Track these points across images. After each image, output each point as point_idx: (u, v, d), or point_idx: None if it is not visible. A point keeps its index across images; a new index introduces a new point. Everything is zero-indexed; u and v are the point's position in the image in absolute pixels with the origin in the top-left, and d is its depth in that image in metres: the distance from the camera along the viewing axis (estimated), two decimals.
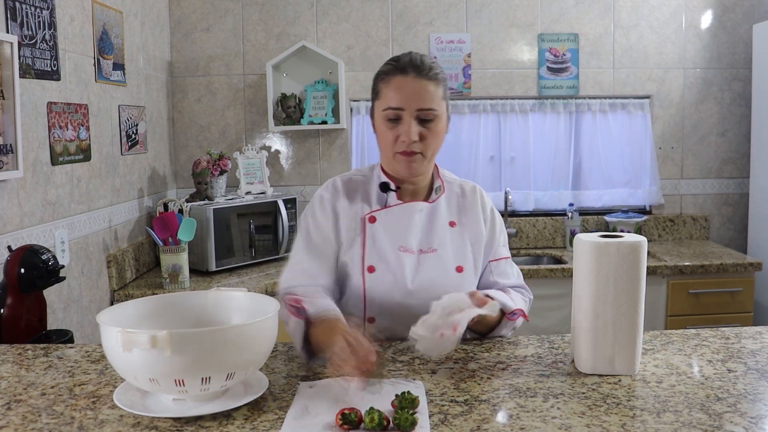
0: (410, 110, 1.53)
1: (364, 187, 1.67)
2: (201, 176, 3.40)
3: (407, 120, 1.53)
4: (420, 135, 1.54)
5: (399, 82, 1.55)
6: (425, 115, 1.54)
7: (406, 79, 1.54)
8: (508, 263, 1.74)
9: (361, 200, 1.65)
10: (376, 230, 1.61)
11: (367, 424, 1.08)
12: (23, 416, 1.18)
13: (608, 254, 1.30)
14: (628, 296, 1.32)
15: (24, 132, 2.20)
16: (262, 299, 1.35)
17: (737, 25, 3.81)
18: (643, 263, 1.32)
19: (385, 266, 1.59)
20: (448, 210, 1.67)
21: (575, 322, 1.38)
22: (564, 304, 3.27)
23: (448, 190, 1.70)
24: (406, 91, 1.53)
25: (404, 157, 1.56)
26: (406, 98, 1.53)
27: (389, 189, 1.64)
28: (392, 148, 1.57)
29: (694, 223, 3.90)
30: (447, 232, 1.65)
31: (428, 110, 1.54)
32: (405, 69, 1.55)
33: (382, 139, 1.60)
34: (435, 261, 1.62)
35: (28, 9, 2.23)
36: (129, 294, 2.85)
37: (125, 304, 1.32)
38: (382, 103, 1.57)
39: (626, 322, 1.32)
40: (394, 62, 1.58)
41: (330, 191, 1.67)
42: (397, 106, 1.54)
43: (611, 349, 1.33)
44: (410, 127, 1.53)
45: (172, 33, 3.73)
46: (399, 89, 1.54)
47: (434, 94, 1.55)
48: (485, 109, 3.81)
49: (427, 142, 1.56)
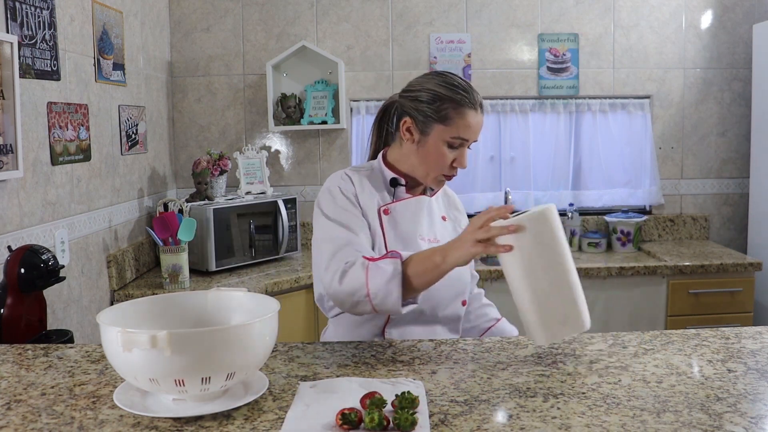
0: (470, 143, 1.68)
1: (370, 181, 1.74)
2: (201, 176, 3.40)
3: (464, 150, 1.68)
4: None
5: (473, 117, 1.65)
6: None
7: (477, 115, 1.66)
8: None
9: (371, 192, 1.71)
10: (392, 221, 1.70)
11: (367, 424, 1.08)
12: (23, 416, 1.18)
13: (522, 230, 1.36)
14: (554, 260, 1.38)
15: (24, 132, 2.20)
16: (262, 299, 1.35)
17: (737, 25, 3.81)
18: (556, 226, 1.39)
19: (412, 251, 1.61)
20: (438, 205, 1.81)
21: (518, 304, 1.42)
22: None
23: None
24: (475, 127, 1.66)
25: (446, 179, 1.72)
26: (474, 133, 1.66)
27: (399, 184, 1.74)
28: (442, 170, 1.68)
29: (694, 223, 3.90)
30: (441, 225, 1.79)
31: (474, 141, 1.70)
32: (476, 105, 1.66)
33: (435, 159, 1.67)
34: None
35: (28, 9, 2.23)
36: (129, 294, 2.85)
37: (125, 304, 1.32)
38: (451, 130, 1.64)
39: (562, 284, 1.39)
40: (466, 93, 1.65)
41: (345, 180, 1.70)
42: (467, 137, 1.65)
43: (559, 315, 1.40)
44: (465, 158, 1.68)
45: (172, 33, 3.73)
46: (473, 125, 1.65)
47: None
48: (485, 109, 3.81)
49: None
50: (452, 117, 1.63)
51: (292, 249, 3.47)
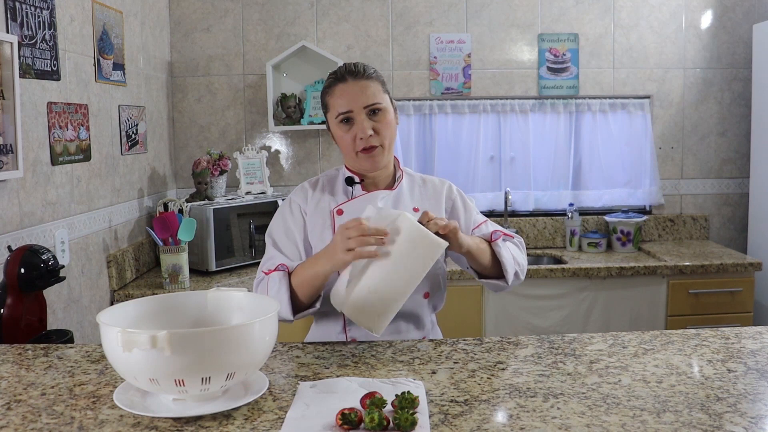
0: (358, 109, 1.67)
1: (330, 185, 1.81)
2: (201, 176, 3.40)
3: (359, 119, 1.67)
4: (373, 129, 1.68)
5: (341, 89, 1.69)
6: (371, 109, 1.68)
7: (347, 84, 1.69)
8: (488, 224, 1.84)
9: (328, 196, 1.78)
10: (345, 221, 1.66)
11: (367, 424, 1.08)
12: (23, 416, 1.18)
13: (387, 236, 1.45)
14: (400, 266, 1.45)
15: (24, 132, 2.20)
16: (262, 299, 1.35)
17: (737, 25, 3.81)
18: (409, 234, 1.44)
19: None
20: (411, 197, 1.80)
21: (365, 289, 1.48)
22: (564, 304, 3.27)
23: (410, 181, 1.83)
24: (350, 94, 1.68)
25: (366, 154, 1.69)
26: (351, 100, 1.67)
27: (354, 182, 1.76)
28: (353, 148, 1.70)
29: (694, 223, 3.90)
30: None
31: (373, 105, 1.68)
32: (343, 77, 1.70)
33: (342, 144, 1.73)
34: None
35: (28, 9, 2.23)
36: (129, 294, 2.85)
37: (125, 304, 1.32)
38: (333, 111, 1.71)
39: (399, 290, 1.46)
40: (333, 75, 1.73)
41: (298, 195, 1.81)
42: (346, 109, 1.67)
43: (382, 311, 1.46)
44: (363, 124, 1.67)
45: (172, 33, 3.73)
46: (342, 95, 1.68)
47: (375, 89, 1.69)
48: (485, 109, 3.82)
49: (382, 134, 1.69)
50: (328, 101, 1.73)
51: None
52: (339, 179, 1.80)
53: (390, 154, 1.75)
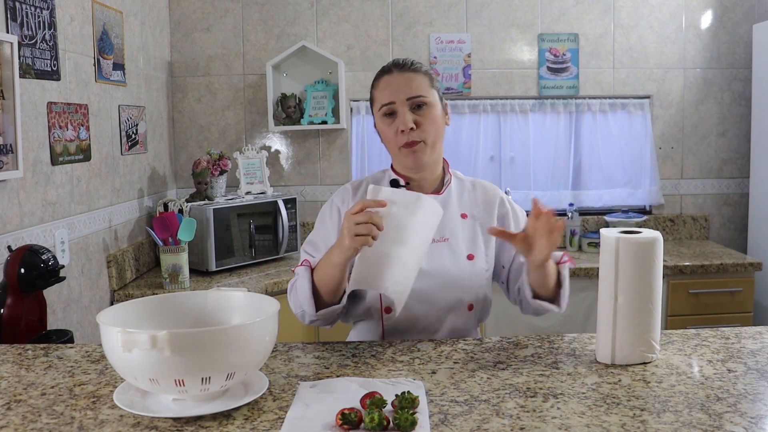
0: (401, 101, 1.62)
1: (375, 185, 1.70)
2: (201, 176, 3.40)
3: (401, 111, 1.62)
4: (415, 122, 1.62)
5: (386, 81, 1.66)
6: (416, 102, 1.63)
7: (392, 76, 1.66)
8: None
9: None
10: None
11: (367, 424, 1.08)
12: (23, 416, 1.18)
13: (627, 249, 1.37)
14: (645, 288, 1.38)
15: (24, 132, 2.20)
16: (262, 299, 1.35)
17: (737, 25, 3.81)
18: (659, 257, 1.39)
19: None
20: (459, 203, 1.74)
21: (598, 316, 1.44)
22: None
23: (459, 186, 1.77)
24: (394, 86, 1.64)
25: (407, 149, 1.63)
26: (394, 91, 1.63)
27: (399, 185, 1.70)
28: (396, 143, 1.64)
29: (694, 223, 3.90)
30: (458, 223, 1.71)
31: (417, 97, 1.63)
32: (389, 69, 1.67)
33: (385, 138, 1.68)
34: (446, 249, 1.67)
35: (28, 9, 2.23)
36: (129, 294, 2.85)
37: (125, 304, 1.32)
38: (377, 103, 1.67)
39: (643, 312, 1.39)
40: (382, 68, 1.70)
41: (340, 196, 1.74)
42: (388, 101, 1.63)
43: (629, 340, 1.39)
44: (404, 116, 1.61)
45: (172, 33, 3.73)
46: (387, 86, 1.65)
47: (420, 83, 1.64)
48: (485, 109, 3.81)
49: (424, 128, 1.62)
50: (374, 94, 1.69)
51: (292, 249, 3.47)
52: (384, 181, 1.73)
53: (436, 153, 1.68)
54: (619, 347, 1.39)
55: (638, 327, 1.38)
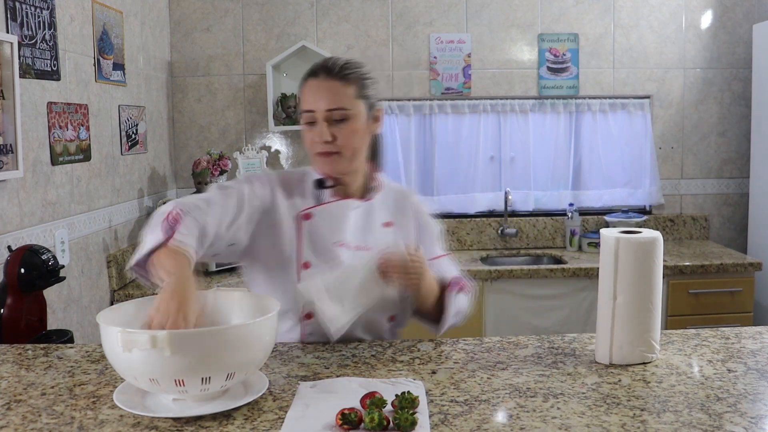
0: (320, 111, 1.55)
1: (299, 184, 1.66)
2: (201, 176, 3.40)
3: (319, 121, 1.56)
4: (332, 135, 1.55)
5: (310, 85, 1.58)
6: (336, 116, 1.55)
7: (316, 81, 1.57)
8: (447, 259, 1.74)
9: (296, 196, 1.64)
10: (312, 226, 1.60)
11: (367, 424, 1.08)
12: (23, 416, 1.18)
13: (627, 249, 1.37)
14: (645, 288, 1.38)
15: (24, 132, 2.20)
16: (262, 299, 1.35)
17: (737, 25, 3.81)
18: (659, 257, 1.39)
19: (322, 261, 1.57)
20: (383, 210, 1.68)
21: (598, 316, 1.44)
22: (564, 304, 3.27)
23: (385, 192, 1.70)
24: (315, 94, 1.56)
25: (321, 158, 1.58)
26: (315, 100, 1.56)
27: (324, 186, 1.64)
28: (311, 150, 1.60)
29: (694, 223, 3.90)
30: (382, 232, 1.65)
31: (337, 110, 1.55)
32: (316, 72, 1.59)
33: (304, 140, 1.63)
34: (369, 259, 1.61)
35: (28, 9, 2.23)
36: (129, 294, 2.85)
37: (125, 304, 1.32)
38: (301, 107, 1.61)
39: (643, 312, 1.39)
40: (311, 67, 1.61)
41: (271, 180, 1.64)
42: (309, 108, 1.57)
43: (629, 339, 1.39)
44: (321, 128, 1.55)
45: (172, 33, 3.73)
46: (310, 92, 1.58)
47: (343, 94, 1.56)
48: (485, 109, 3.81)
49: (342, 142, 1.56)
50: (300, 94, 1.62)
51: None
52: (307, 180, 1.66)
53: (355, 162, 1.61)
54: (619, 347, 1.39)
55: (638, 327, 1.39)
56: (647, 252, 1.37)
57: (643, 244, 1.37)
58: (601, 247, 1.43)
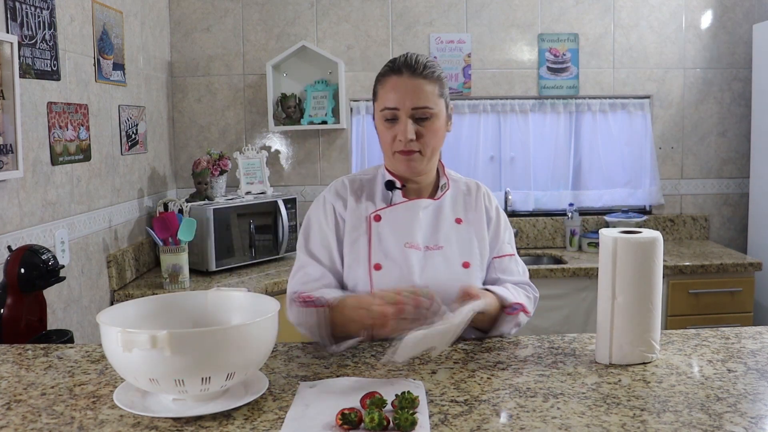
0: (405, 109, 1.56)
1: (369, 187, 1.69)
2: (201, 176, 3.40)
3: (403, 119, 1.56)
4: (417, 133, 1.57)
5: (394, 82, 1.58)
6: (420, 114, 1.57)
7: (401, 79, 1.57)
8: (513, 260, 1.74)
9: (366, 199, 1.66)
10: (382, 228, 1.63)
11: (367, 424, 1.08)
12: (23, 416, 1.18)
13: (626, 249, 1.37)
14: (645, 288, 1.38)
15: (24, 132, 2.20)
16: (262, 299, 1.35)
17: (737, 25, 3.81)
18: (659, 257, 1.39)
19: (392, 263, 1.60)
20: (453, 207, 1.69)
21: (598, 316, 1.44)
22: (564, 304, 3.27)
23: (454, 188, 1.72)
24: (401, 91, 1.56)
25: (403, 156, 1.59)
26: (400, 98, 1.56)
27: (394, 187, 1.66)
28: (391, 147, 1.60)
29: (694, 223, 3.90)
30: (453, 229, 1.67)
31: (423, 108, 1.56)
32: (399, 69, 1.58)
33: (381, 139, 1.63)
34: (441, 257, 1.63)
35: (28, 9, 2.23)
36: (129, 294, 2.85)
37: (125, 304, 1.32)
38: (380, 103, 1.61)
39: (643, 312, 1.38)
40: (391, 64, 1.62)
41: (333, 193, 1.69)
42: (393, 105, 1.57)
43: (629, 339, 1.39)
44: (406, 126, 1.56)
45: (172, 33, 3.73)
46: (394, 89, 1.57)
47: (429, 93, 1.57)
48: (485, 109, 3.82)
49: (425, 140, 1.58)
50: (378, 91, 1.62)
51: (292, 249, 3.47)
52: (378, 181, 1.69)
53: (432, 161, 1.64)
54: (619, 347, 1.39)
55: (638, 327, 1.39)
56: (647, 252, 1.37)
57: (642, 244, 1.37)
58: (600, 248, 1.43)
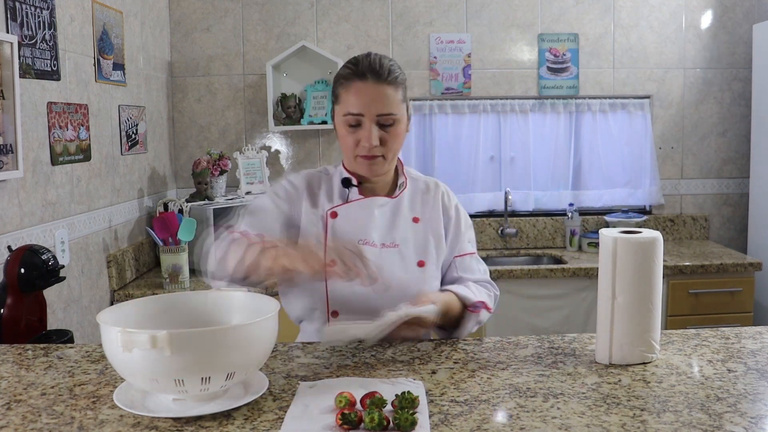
0: (370, 116, 1.55)
1: (327, 184, 1.69)
2: (201, 176, 3.40)
3: (367, 125, 1.56)
4: (381, 139, 1.57)
5: (357, 87, 1.56)
6: (385, 120, 1.57)
7: (365, 84, 1.56)
8: (473, 258, 1.75)
9: (323, 196, 1.67)
10: (338, 225, 1.62)
11: (367, 424, 1.08)
12: (23, 416, 1.18)
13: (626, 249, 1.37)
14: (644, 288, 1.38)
15: (24, 132, 2.20)
16: (262, 299, 1.35)
17: (737, 25, 3.81)
18: (659, 257, 1.39)
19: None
20: (411, 206, 1.69)
21: (598, 316, 1.44)
22: (564, 304, 3.27)
23: (412, 186, 1.72)
24: (365, 97, 1.55)
25: (365, 160, 1.59)
26: (365, 104, 1.55)
27: (351, 185, 1.66)
28: (354, 152, 1.60)
29: (694, 223, 3.90)
30: (409, 228, 1.67)
31: (387, 115, 1.56)
32: (363, 74, 1.56)
33: (343, 143, 1.62)
34: (396, 255, 1.63)
35: (28, 9, 2.23)
36: (129, 294, 2.85)
37: (125, 304, 1.32)
38: (342, 108, 1.59)
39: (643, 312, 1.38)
40: (353, 66, 1.59)
41: (292, 184, 1.69)
42: (357, 111, 1.56)
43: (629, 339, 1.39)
44: (371, 133, 1.55)
45: (172, 33, 3.73)
46: (358, 95, 1.56)
47: (393, 99, 1.57)
48: (485, 109, 3.82)
49: (388, 145, 1.58)
50: (341, 94, 1.60)
51: None
52: (335, 178, 1.69)
53: (392, 164, 1.65)
54: (619, 347, 1.39)
55: (638, 327, 1.39)
56: (647, 252, 1.37)
57: (642, 244, 1.37)
58: (600, 248, 1.43)
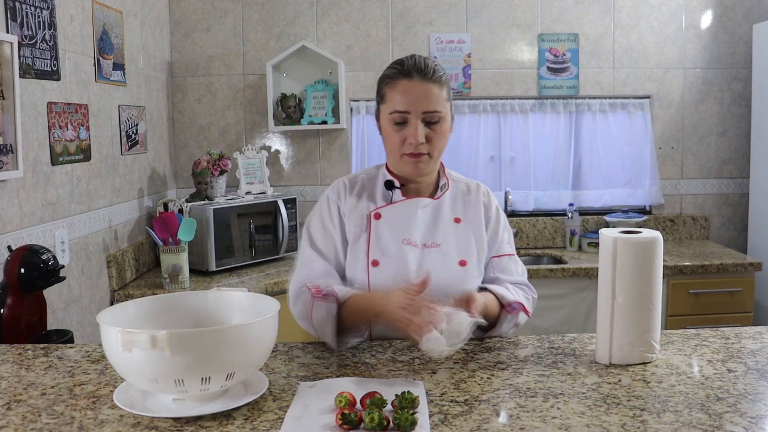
0: (416, 113, 1.58)
1: (370, 186, 1.72)
2: (201, 176, 3.40)
3: (413, 123, 1.58)
4: (426, 137, 1.59)
5: (404, 86, 1.59)
6: (431, 118, 1.59)
7: (411, 82, 1.58)
8: (512, 260, 1.76)
9: (366, 198, 1.69)
10: (381, 226, 1.65)
11: (367, 424, 1.08)
12: (23, 416, 1.18)
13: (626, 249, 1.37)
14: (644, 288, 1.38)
15: (24, 132, 2.20)
16: (262, 299, 1.35)
17: (737, 25, 3.81)
18: (659, 257, 1.39)
19: (389, 259, 1.62)
20: (452, 206, 1.71)
21: (598, 315, 1.44)
22: (564, 304, 3.27)
23: (454, 188, 1.74)
24: (412, 95, 1.58)
25: (411, 159, 1.61)
26: (411, 102, 1.58)
27: (394, 186, 1.68)
28: (399, 150, 1.62)
29: (694, 223, 3.90)
30: (451, 228, 1.69)
31: (433, 112, 1.59)
32: (410, 73, 1.59)
33: (389, 142, 1.65)
34: (438, 255, 1.65)
35: (28, 9, 2.23)
36: (129, 294, 2.85)
37: (125, 304, 1.32)
38: (389, 106, 1.61)
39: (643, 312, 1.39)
40: (399, 66, 1.62)
41: (335, 192, 1.72)
42: (404, 109, 1.58)
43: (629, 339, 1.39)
44: (417, 130, 1.58)
45: (172, 33, 3.73)
46: (404, 93, 1.58)
47: (438, 97, 1.59)
48: (485, 109, 3.82)
49: (434, 143, 1.61)
50: (387, 93, 1.62)
51: (292, 249, 3.47)
52: (379, 180, 1.71)
53: (436, 163, 1.67)
54: (619, 347, 1.39)
55: (638, 327, 1.39)
56: (647, 252, 1.37)
57: (642, 244, 1.37)
58: (600, 248, 1.43)
